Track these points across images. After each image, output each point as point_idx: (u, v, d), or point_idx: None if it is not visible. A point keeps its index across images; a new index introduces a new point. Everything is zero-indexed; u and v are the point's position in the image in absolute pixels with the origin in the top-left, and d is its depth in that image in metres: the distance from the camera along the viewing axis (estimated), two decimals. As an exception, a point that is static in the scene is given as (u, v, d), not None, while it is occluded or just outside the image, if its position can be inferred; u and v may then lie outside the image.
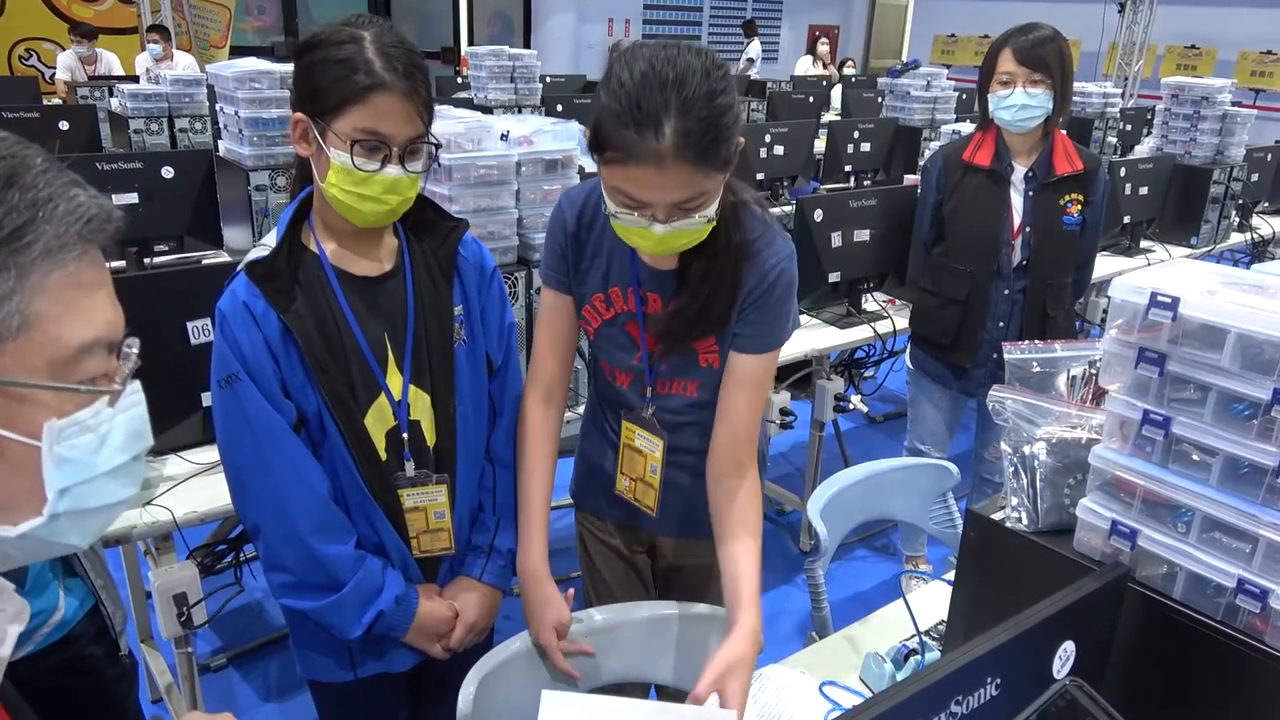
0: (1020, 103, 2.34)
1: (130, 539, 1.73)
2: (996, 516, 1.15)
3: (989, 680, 0.83)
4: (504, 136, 2.10)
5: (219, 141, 3.46)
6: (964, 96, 6.00)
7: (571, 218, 1.43)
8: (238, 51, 8.97)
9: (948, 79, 5.48)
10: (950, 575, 1.73)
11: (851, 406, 2.97)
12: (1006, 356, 1.19)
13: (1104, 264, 3.80)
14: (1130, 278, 0.99)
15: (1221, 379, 0.92)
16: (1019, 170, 2.46)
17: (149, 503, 1.78)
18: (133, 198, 3.04)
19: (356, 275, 1.33)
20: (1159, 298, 0.95)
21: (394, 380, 1.35)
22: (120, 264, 3.08)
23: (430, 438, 1.39)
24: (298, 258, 1.30)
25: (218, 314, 1.28)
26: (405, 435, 1.36)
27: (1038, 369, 1.18)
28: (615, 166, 1.19)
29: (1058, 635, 0.90)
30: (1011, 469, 1.14)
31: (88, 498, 0.70)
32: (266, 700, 2.44)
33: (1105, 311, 3.88)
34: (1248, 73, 10.37)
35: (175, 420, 1.90)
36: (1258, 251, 4.88)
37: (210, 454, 1.94)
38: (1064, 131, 2.49)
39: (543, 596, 1.41)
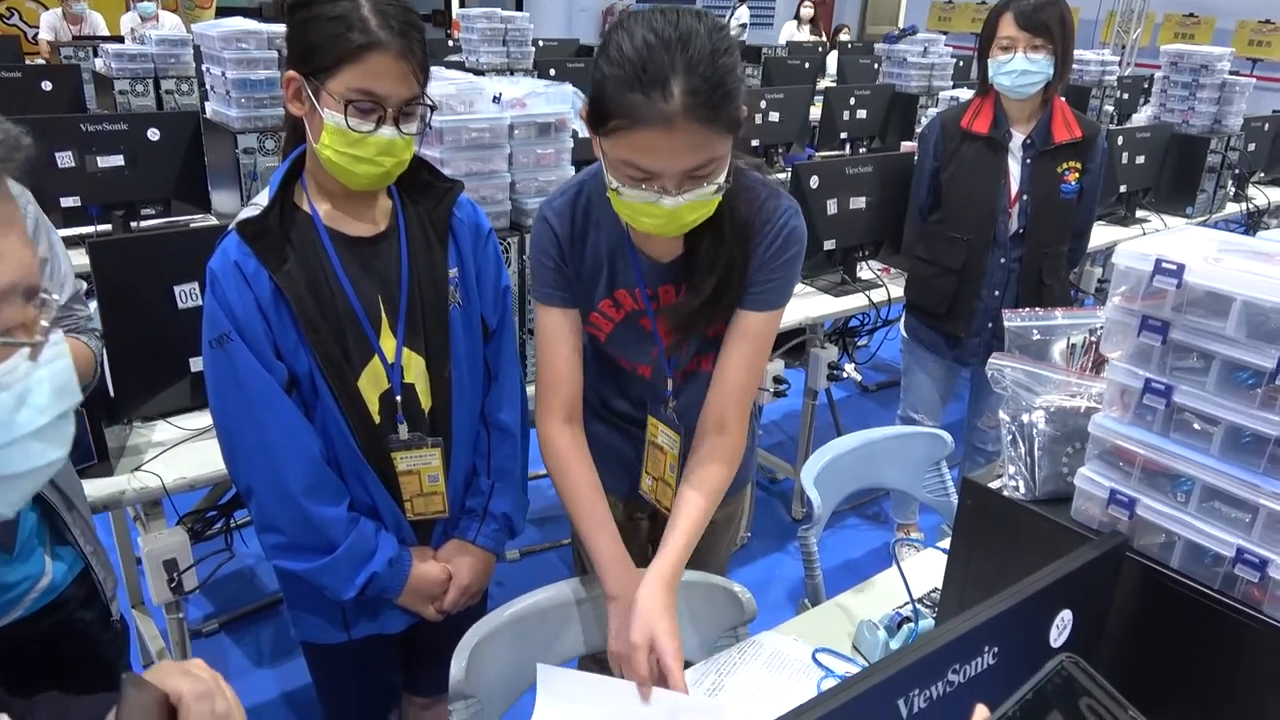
0: (1021, 68, 2.31)
1: (120, 505, 1.72)
2: (993, 485, 1.14)
3: (986, 649, 0.82)
4: (496, 99, 2.07)
5: (205, 103, 3.40)
6: (960, 63, 5.94)
7: (561, 229, 1.35)
8: (224, 12, 8.81)
9: (945, 45, 5.41)
10: (944, 544, 1.74)
11: (845, 375, 2.96)
12: (1006, 324, 1.17)
13: (1099, 233, 3.78)
14: (1134, 244, 0.98)
15: (1226, 347, 0.91)
16: (1017, 137, 2.44)
17: (138, 469, 1.77)
18: (118, 160, 2.99)
19: (350, 236, 1.31)
20: (1164, 264, 0.93)
21: (387, 343, 1.33)
22: (106, 227, 3.04)
23: (425, 401, 1.38)
24: (290, 218, 1.28)
25: (208, 273, 1.26)
26: (399, 398, 1.34)
27: (1037, 336, 1.17)
28: (621, 135, 1.14)
29: (1056, 604, 0.89)
30: (1009, 437, 1.13)
31: (10, 462, 0.64)
32: (259, 665, 2.45)
33: (1100, 281, 3.89)
34: (1245, 42, 10.29)
35: (163, 386, 1.88)
36: (1252, 222, 4.87)
37: (199, 420, 1.92)
38: (1063, 99, 2.46)
39: (636, 615, 1.26)
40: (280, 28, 3.26)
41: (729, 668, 1.37)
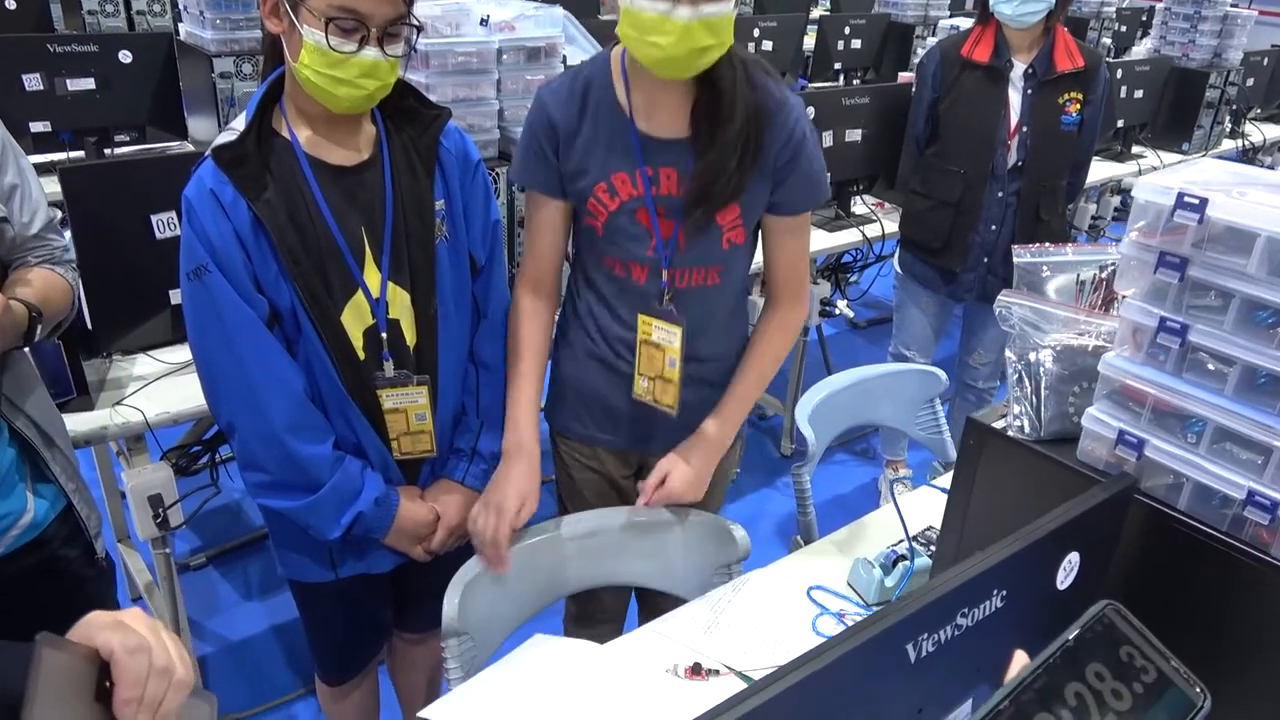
0: (1026, 3, 2.24)
1: (103, 440, 1.68)
2: (997, 425, 1.12)
3: (995, 592, 0.81)
4: (484, 21, 1.98)
5: (179, 25, 3.27)
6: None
7: (557, 111, 1.35)
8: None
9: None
10: (938, 481, 1.73)
11: (838, 312, 2.93)
12: (1015, 260, 1.14)
13: (1095, 169, 3.72)
14: (1154, 177, 0.94)
15: (1247, 285, 0.88)
16: (1018, 67, 2.37)
17: (119, 403, 1.73)
18: (89, 84, 2.89)
19: (331, 164, 1.26)
20: (1186, 198, 0.90)
21: (371, 277, 1.29)
22: (79, 154, 2.94)
23: (410, 338, 1.34)
24: (268, 144, 1.22)
25: (184, 202, 1.21)
26: (384, 335, 1.30)
27: (1047, 273, 1.14)
28: None
29: (1064, 547, 0.87)
30: (1015, 376, 1.11)
31: None
32: (248, 599, 2.44)
33: (1094, 217, 3.85)
34: (1245, -26, 10.09)
35: (142, 319, 1.83)
36: (1247, 159, 4.82)
37: (181, 353, 1.88)
38: (1065, 28, 2.39)
39: (522, 470, 1.38)
40: (255, -56, 3.15)
41: (723, 605, 1.36)
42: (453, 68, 1.91)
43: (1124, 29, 6.40)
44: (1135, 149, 4.07)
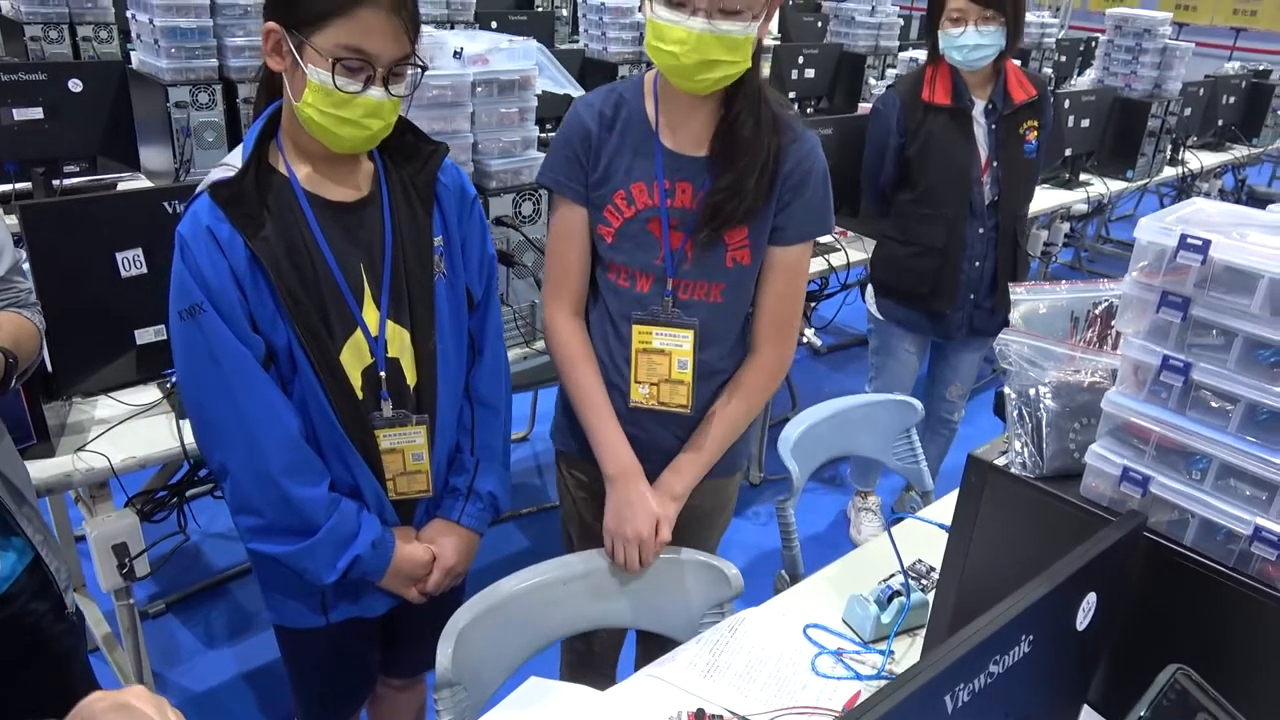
0: (972, 42, 2.26)
1: (69, 487, 1.61)
2: (998, 462, 1.13)
3: (1023, 637, 0.80)
4: (457, 54, 1.97)
5: (132, 53, 3.19)
6: (905, 22, 5.93)
7: (592, 120, 1.40)
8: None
9: (891, 5, 5.39)
10: (924, 512, 1.74)
11: (805, 340, 2.94)
12: (1014, 298, 1.15)
13: (1044, 196, 3.82)
14: (1155, 219, 0.96)
15: (1250, 324, 0.90)
16: (979, 105, 2.40)
17: (82, 448, 1.66)
18: (37, 113, 2.79)
19: (330, 201, 1.23)
20: (1189, 240, 0.92)
21: (370, 315, 1.26)
22: (25, 185, 2.84)
23: (410, 376, 1.31)
24: (266, 180, 1.19)
25: (177, 238, 1.17)
26: (383, 374, 1.28)
27: (1044, 310, 1.15)
28: None
29: (1083, 587, 0.88)
30: (1015, 413, 1.12)
31: None
32: (211, 646, 2.35)
33: (1046, 244, 3.93)
34: (1173, 6, 10.51)
35: (106, 360, 1.76)
36: (1185, 186, 4.99)
37: (145, 394, 1.82)
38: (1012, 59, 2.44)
39: (642, 494, 1.43)
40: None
41: (721, 646, 1.35)
42: (427, 101, 1.88)
43: (1064, 59, 6.61)
44: (1082, 176, 4.18)
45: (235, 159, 1.20)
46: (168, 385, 1.83)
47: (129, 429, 1.73)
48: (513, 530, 2.92)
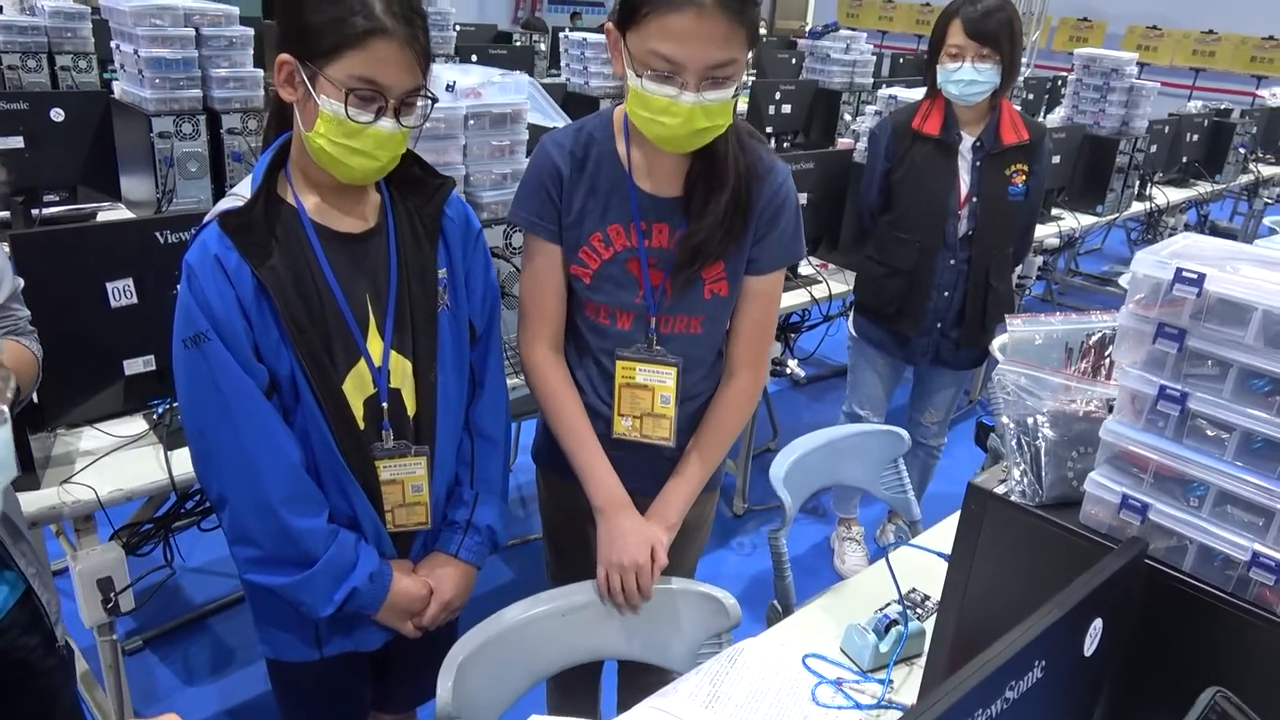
0: (968, 78, 2.34)
1: (57, 519, 1.58)
2: (998, 490, 1.14)
3: (1036, 663, 0.82)
4: (450, 88, 1.98)
5: (114, 83, 3.18)
6: (878, 60, 6.05)
7: (562, 160, 1.40)
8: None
9: (866, 43, 5.50)
10: (918, 540, 1.75)
11: (789, 371, 2.97)
12: (1009, 330, 1.17)
13: (1019, 230, 3.90)
14: (1148, 253, 0.99)
15: (1244, 355, 0.92)
16: (967, 140, 2.46)
17: (67, 480, 1.63)
18: (18, 142, 2.78)
19: (338, 232, 1.24)
20: (1184, 273, 0.94)
21: (374, 345, 1.26)
22: (4, 214, 2.82)
23: (410, 407, 1.31)
24: (274, 210, 1.20)
25: (185, 267, 1.17)
26: (385, 404, 1.27)
27: (1039, 341, 1.17)
28: (652, 22, 1.21)
29: (1090, 614, 0.89)
30: (1013, 441, 1.14)
31: None
32: (191, 683, 2.31)
33: (1021, 277, 4.00)
34: (1134, 46, 10.82)
35: (95, 390, 1.74)
36: (1153, 220, 5.12)
37: (132, 426, 1.80)
38: (1010, 100, 2.51)
39: (633, 522, 1.44)
40: (194, 4, 3.09)
41: (721, 677, 1.35)
42: (420, 133, 1.89)
43: (1031, 97, 6.77)
44: (1055, 211, 4.27)
45: (244, 189, 1.20)
46: (155, 416, 1.81)
47: (116, 461, 1.71)
48: (497, 563, 2.90)
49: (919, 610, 1.50)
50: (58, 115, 2.84)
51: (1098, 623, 0.90)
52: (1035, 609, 0.87)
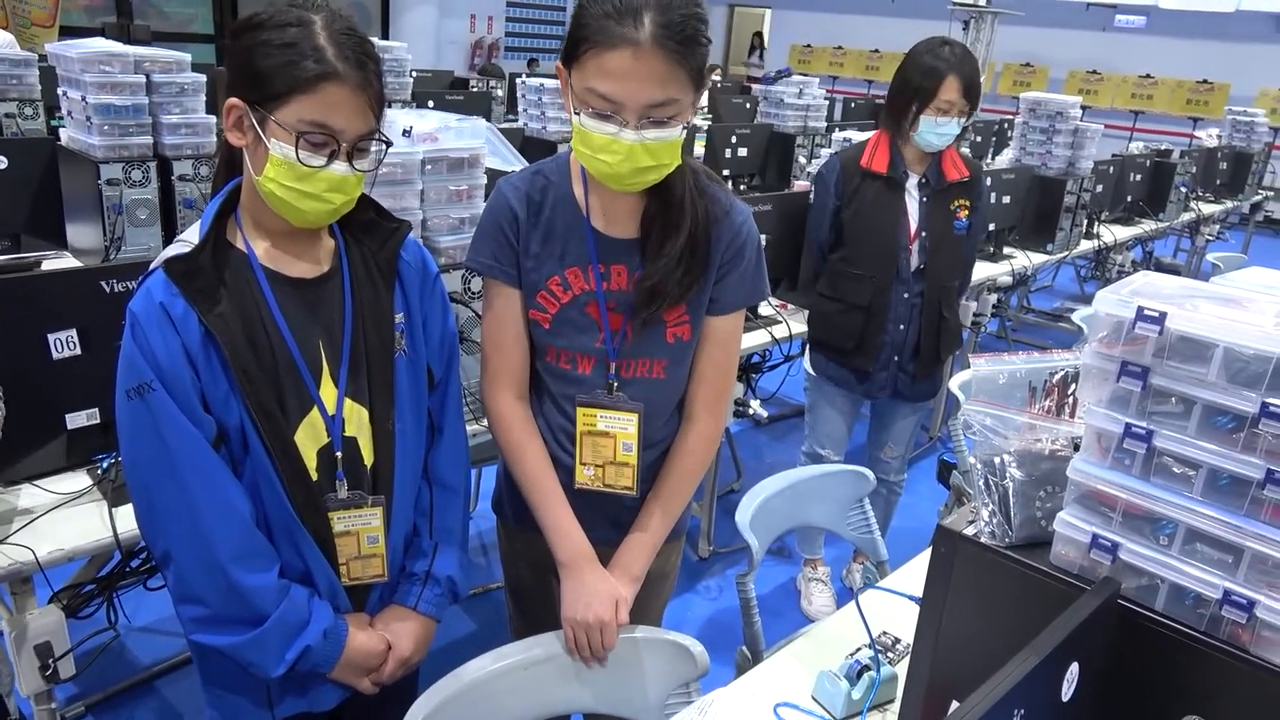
0: (952, 131, 2.44)
1: (-7, 584, 1.50)
2: (967, 531, 1.13)
3: (1015, 712, 0.80)
4: (406, 133, 1.97)
5: (61, 130, 3.12)
6: (830, 104, 6.17)
7: (519, 203, 1.38)
8: (66, 32, 8.23)
9: (819, 89, 5.61)
10: (885, 582, 1.73)
11: (751, 411, 2.96)
12: (974, 370, 1.17)
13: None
14: (1110, 292, 0.99)
15: (1207, 392, 0.93)
16: (913, 178, 2.53)
17: (3, 540, 1.55)
18: (-42, 190, 2.71)
19: (290, 277, 1.21)
20: (1146, 312, 0.95)
21: (328, 393, 1.22)
22: (-57, 264, 2.74)
23: (368, 456, 1.27)
24: (223, 256, 1.16)
25: (129, 315, 1.13)
26: (339, 454, 1.23)
27: (1004, 380, 1.17)
28: (590, 59, 1.21)
29: (1066, 658, 0.88)
30: (982, 482, 1.13)
31: None
32: (135, 751, 2.20)
33: (976, 314, 4.06)
34: (1076, 89, 11.18)
35: (36, 445, 1.67)
36: (1101, 258, 5.24)
37: (73, 482, 1.72)
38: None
39: (597, 578, 1.41)
40: (145, 50, 3.06)
41: (692, 730, 1.31)
42: (378, 178, 1.87)
43: (979, 139, 6.94)
44: (1006, 250, 4.35)
45: (192, 235, 1.17)
46: (99, 472, 1.74)
47: (57, 519, 1.63)
48: (458, 613, 2.82)
49: (890, 654, 1.48)
50: (1, 162, 2.78)
51: (1074, 667, 0.89)
52: (1010, 651, 0.85)
